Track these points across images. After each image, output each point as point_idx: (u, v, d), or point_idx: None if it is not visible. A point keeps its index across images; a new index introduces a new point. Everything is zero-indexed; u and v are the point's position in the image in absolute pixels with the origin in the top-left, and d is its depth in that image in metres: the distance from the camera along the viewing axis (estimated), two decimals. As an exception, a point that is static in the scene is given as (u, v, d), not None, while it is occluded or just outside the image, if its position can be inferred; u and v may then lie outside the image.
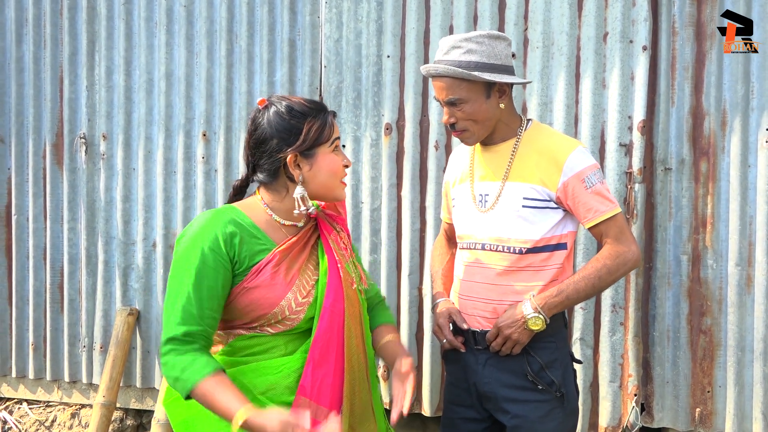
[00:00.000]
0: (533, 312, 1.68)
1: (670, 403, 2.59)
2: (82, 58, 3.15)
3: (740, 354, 2.52)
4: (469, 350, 1.84)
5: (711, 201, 2.54)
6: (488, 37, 1.72)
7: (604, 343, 2.58)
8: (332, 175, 1.55)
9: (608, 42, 2.56)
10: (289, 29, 2.89)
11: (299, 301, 1.50)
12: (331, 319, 1.51)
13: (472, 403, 1.85)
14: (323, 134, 1.52)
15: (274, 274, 1.48)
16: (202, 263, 1.42)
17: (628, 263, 1.74)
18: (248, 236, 1.48)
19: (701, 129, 2.55)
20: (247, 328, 1.51)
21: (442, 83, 1.73)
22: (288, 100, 1.54)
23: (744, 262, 2.51)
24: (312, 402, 1.48)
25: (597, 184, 1.74)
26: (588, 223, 1.75)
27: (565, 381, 1.78)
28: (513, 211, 1.75)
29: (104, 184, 3.13)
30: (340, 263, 1.58)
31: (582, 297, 1.74)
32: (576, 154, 1.74)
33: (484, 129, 1.77)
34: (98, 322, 3.14)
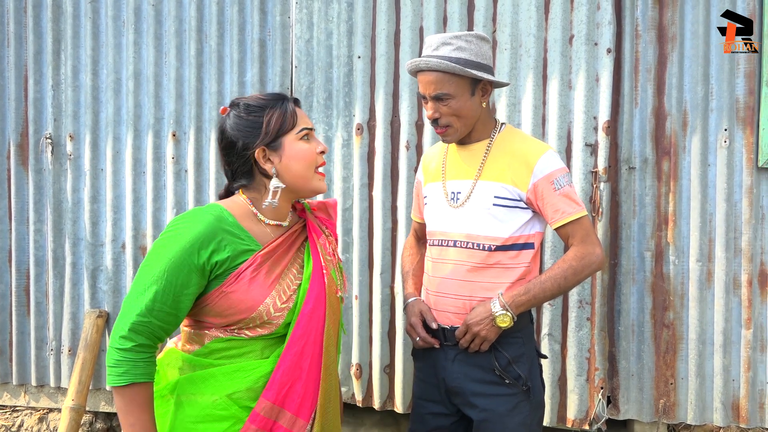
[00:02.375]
0: (501, 309, 1.72)
1: (635, 395, 2.67)
2: (47, 56, 3.09)
3: (701, 347, 2.61)
4: (438, 347, 1.88)
5: (673, 199, 2.62)
6: (476, 37, 1.78)
7: (572, 338, 2.64)
8: (305, 163, 1.51)
9: (574, 44, 2.62)
10: (260, 29, 2.88)
11: (278, 306, 1.47)
12: (308, 325, 1.48)
13: (440, 398, 1.89)
14: (285, 123, 1.50)
15: (253, 278, 1.44)
16: (169, 260, 1.39)
17: (593, 265, 1.79)
18: (231, 236, 1.45)
19: (663, 129, 2.63)
20: (225, 331, 1.48)
21: (431, 77, 1.75)
22: (245, 99, 1.52)
23: (704, 257, 2.60)
24: (276, 406, 1.44)
25: (565, 186, 1.79)
26: (555, 223, 1.79)
27: (531, 375, 1.82)
28: (484, 208, 1.79)
29: (71, 184, 3.08)
30: (326, 269, 1.55)
31: (548, 296, 1.78)
32: (547, 156, 1.78)
33: (466, 126, 1.81)
34: (66, 325, 3.10)
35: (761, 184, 2.57)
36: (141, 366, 1.38)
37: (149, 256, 1.43)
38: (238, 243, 1.45)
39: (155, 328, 1.39)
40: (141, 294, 1.39)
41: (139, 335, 1.38)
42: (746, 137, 2.57)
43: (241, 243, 1.46)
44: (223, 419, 1.43)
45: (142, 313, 1.37)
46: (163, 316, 1.39)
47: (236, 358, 1.47)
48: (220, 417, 1.43)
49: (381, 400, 2.82)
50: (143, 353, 1.39)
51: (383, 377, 2.82)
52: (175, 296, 1.39)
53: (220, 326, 1.48)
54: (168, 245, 1.41)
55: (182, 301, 1.41)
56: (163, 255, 1.40)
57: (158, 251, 1.41)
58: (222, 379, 1.45)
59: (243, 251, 1.45)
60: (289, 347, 1.46)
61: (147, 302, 1.38)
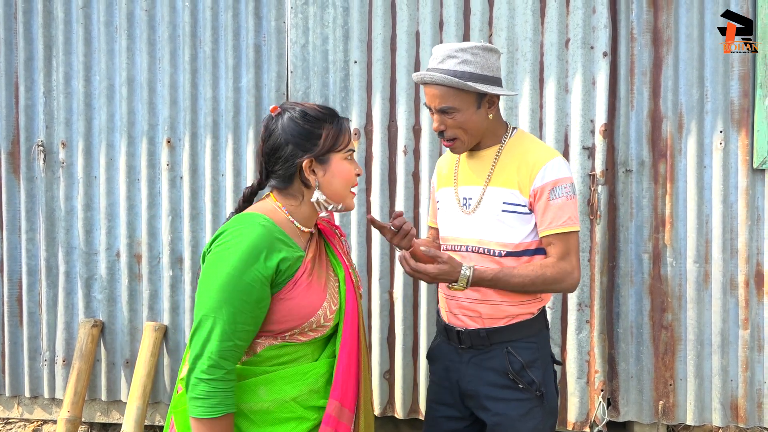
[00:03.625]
0: (462, 283, 1.70)
1: (635, 397, 2.68)
2: (38, 63, 3.05)
3: (699, 348, 2.63)
4: (453, 349, 1.88)
5: (669, 201, 2.64)
6: (482, 49, 1.75)
7: (571, 341, 2.65)
8: (345, 182, 1.55)
9: (570, 48, 2.63)
10: (255, 34, 2.86)
11: (333, 308, 1.52)
12: (351, 323, 1.55)
13: (454, 401, 1.89)
14: (339, 141, 1.53)
15: (309, 284, 1.48)
16: (237, 277, 1.37)
17: (564, 284, 1.76)
18: (282, 244, 1.45)
19: (659, 132, 2.64)
20: (277, 338, 1.48)
21: (436, 91, 1.75)
22: (302, 106, 1.53)
23: (701, 259, 2.62)
24: (339, 404, 1.51)
25: (563, 197, 1.76)
26: (541, 232, 1.77)
27: (545, 381, 1.81)
28: (493, 215, 1.79)
29: (64, 192, 3.05)
30: (350, 267, 1.62)
31: (509, 290, 1.77)
32: (552, 164, 1.76)
33: (473, 138, 1.80)
34: (60, 335, 3.05)
35: (756, 186, 2.59)
36: (230, 395, 1.39)
37: (209, 275, 1.40)
38: (291, 250, 1.47)
39: (240, 349, 1.40)
40: (217, 319, 1.37)
41: (227, 360, 1.38)
42: (741, 139, 2.59)
43: (293, 250, 1.48)
44: (287, 421, 1.47)
45: (228, 338, 1.36)
46: (246, 336, 1.40)
47: (290, 363, 1.49)
48: (285, 419, 1.47)
49: (381, 405, 2.81)
50: (231, 381, 1.40)
51: (383, 383, 2.81)
52: (253, 312, 1.39)
53: (273, 334, 1.47)
54: (228, 262, 1.38)
55: (259, 316, 1.42)
56: (227, 274, 1.37)
57: (220, 270, 1.38)
58: (280, 383, 1.47)
59: (297, 258, 1.48)
60: (343, 347, 1.52)
61: (229, 326, 1.36)
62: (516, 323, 1.82)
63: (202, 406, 1.36)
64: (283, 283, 1.45)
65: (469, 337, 1.83)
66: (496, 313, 1.81)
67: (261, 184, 1.58)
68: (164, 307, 2.96)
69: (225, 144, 2.88)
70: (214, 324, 1.37)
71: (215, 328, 1.36)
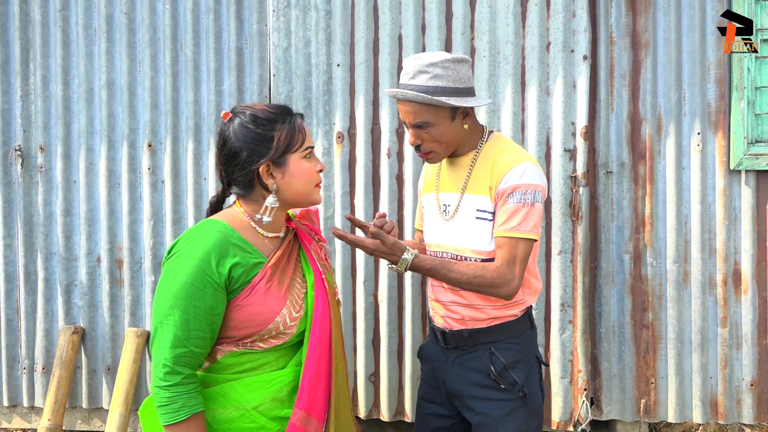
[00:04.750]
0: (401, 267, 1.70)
1: (617, 395, 2.71)
2: (15, 66, 3.00)
3: (680, 346, 2.67)
4: (439, 349, 1.90)
5: (649, 202, 2.68)
6: (453, 62, 1.75)
7: (555, 341, 2.67)
8: (306, 182, 1.51)
9: (551, 51, 2.66)
10: (236, 37, 2.85)
11: (293, 315, 1.48)
12: (321, 330, 1.51)
13: (441, 400, 1.91)
14: (294, 141, 1.49)
15: (267, 290, 1.45)
16: (190, 285, 1.37)
17: (501, 290, 1.73)
18: (239, 250, 1.44)
19: (639, 134, 2.68)
20: (238, 345, 1.47)
21: (409, 108, 1.75)
22: (251, 109, 1.49)
23: (681, 259, 2.66)
24: (305, 413, 1.47)
25: (519, 202, 1.71)
26: (494, 232, 1.76)
27: (528, 382, 1.83)
28: (469, 222, 1.80)
29: (43, 197, 3.00)
30: (323, 274, 1.57)
31: (446, 283, 1.78)
32: (519, 168, 1.74)
33: (449, 149, 1.81)
34: (39, 342, 3.01)
35: (733, 186, 2.65)
36: (194, 396, 1.39)
37: (163, 284, 1.40)
38: (248, 256, 1.45)
39: (196, 355, 1.39)
40: (171, 326, 1.37)
41: (184, 367, 1.38)
42: (718, 141, 2.64)
43: (251, 256, 1.46)
44: (249, 431, 1.44)
45: (181, 344, 1.36)
46: (201, 342, 1.39)
47: (253, 371, 1.47)
48: (247, 429, 1.44)
49: (366, 408, 2.81)
50: (192, 384, 1.39)
51: (368, 386, 2.81)
52: (207, 319, 1.39)
53: (233, 341, 1.47)
54: (183, 270, 1.38)
55: (215, 322, 1.41)
56: (181, 281, 1.37)
57: (174, 277, 1.38)
58: (243, 391, 1.45)
59: (254, 264, 1.46)
60: (310, 354, 1.49)
61: (182, 332, 1.36)
62: (499, 324, 1.83)
63: (167, 413, 1.37)
64: (239, 289, 1.43)
65: (454, 338, 1.86)
66: (478, 315, 1.83)
67: (224, 192, 1.56)
68: (146, 313, 2.93)
69: (207, 148, 2.86)
70: (168, 331, 1.37)
71: (168, 335, 1.37)
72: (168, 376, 1.36)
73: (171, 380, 1.36)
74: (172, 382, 1.36)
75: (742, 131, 2.61)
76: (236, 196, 1.55)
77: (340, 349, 1.58)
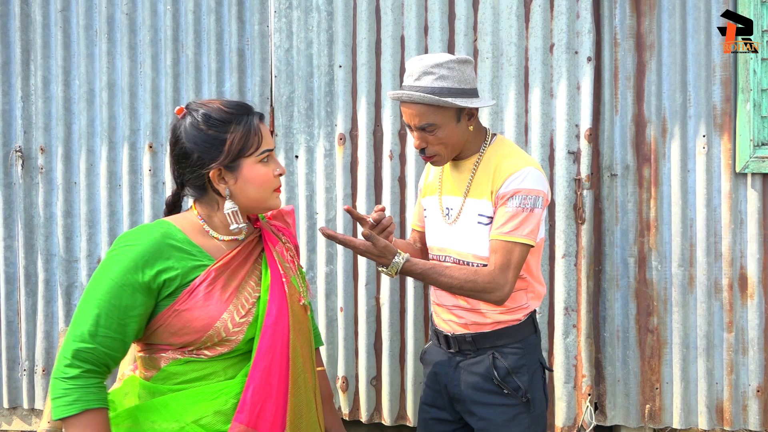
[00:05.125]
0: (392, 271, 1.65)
1: (622, 401, 2.68)
2: (15, 67, 3.00)
3: (685, 351, 2.64)
4: (442, 353, 1.87)
5: (654, 205, 2.65)
6: (458, 62, 1.72)
7: (558, 346, 2.65)
8: (261, 187, 1.41)
9: (555, 53, 2.64)
10: (238, 38, 2.83)
11: (236, 321, 1.36)
12: (273, 338, 1.39)
13: (444, 404, 1.88)
14: (247, 145, 1.37)
15: (208, 294, 1.35)
16: (111, 281, 1.30)
17: (492, 295, 1.68)
18: (180, 253, 1.35)
19: (643, 136, 2.66)
20: (182, 352, 1.37)
21: (414, 110, 1.71)
22: (206, 107, 1.38)
23: (686, 263, 2.63)
24: (249, 428, 1.35)
25: (518, 207, 1.68)
26: (490, 235, 1.72)
27: (532, 387, 1.80)
28: (470, 227, 1.78)
29: (43, 198, 2.99)
30: (285, 277, 1.45)
31: (437, 287, 1.75)
32: (521, 173, 1.71)
33: (454, 151, 1.79)
34: (40, 344, 2.99)
35: (739, 189, 2.61)
36: (93, 392, 1.27)
37: (93, 277, 1.35)
38: (189, 259, 1.36)
39: (101, 354, 1.29)
40: (83, 319, 1.29)
41: (86, 363, 1.28)
42: (724, 143, 2.61)
43: (192, 259, 1.36)
44: None
45: (85, 339, 1.28)
46: (108, 342, 1.29)
47: (198, 382, 1.37)
48: None
49: (368, 412, 2.79)
50: (92, 378, 1.28)
51: (370, 390, 2.79)
52: (120, 319, 1.29)
53: (176, 348, 1.37)
54: (110, 266, 1.32)
55: (129, 324, 1.30)
56: (105, 276, 1.31)
57: (100, 272, 1.33)
58: (185, 403, 1.35)
59: (194, 267, 1.36)
60: (257, 364, 1.37)
61: (89, 327, 1.28)
62: (502, 329, 1.80)
63: (59, 405, 1.26)
64: (177, 293, 1.34)
65: (456, 342, 1.83)
66: (481, 319, 1.80)
67: (178, 193, 1.47)
68: (147, 315, 2.92)
69: (208, 149, 2.85)
70: (78, 326, 1.30)
71: (77, 329, 1.29)
72: (67, 368, 1.27)
73: (69, 373, 1.27)
74: (69, 375, 1.27)
75: (748, 134, 2.58)
76: (191, 197, 1.45)
77: (302, 359, 1.46)
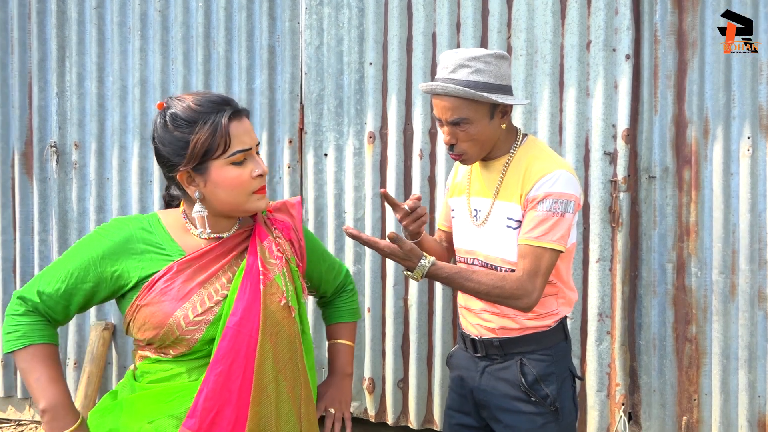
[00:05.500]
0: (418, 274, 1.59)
1: (657, 411, 2.59)
2: (51, 63, 3.04)
3: (725, 362, 2.53)
4: (469, 357, 1.83)
5: (695, 209, 2.54)
6: (494, 57, 1.67)
7: (591, 353, 2.57)
8: (233, 191, 1.31)
9: (591, 50, 2.55)
10: (269, 35, 2.82)
11: (190, 318, 1.29)
12: (235, 339, 1.30)
13: (469, 410, 1.84)
14: (213, 146, 1.27)
15: (164, 290, 1.30)
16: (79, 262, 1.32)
17: (519, 302, 1.63)
18: (152, 247, 1.33)
19: (684, 137, 2.55)
20: (153, 350, 1.34)
21: (448, 103, 1.65)
22: (178, 104, 1.31)
23: (728, 269, 2.52)
24: None
25: (549, 211, 1.62)
26: (518, 239, 1.66)
27: (561, 396, 1.74)
28: (499, 231, 1.72)
29: (77, 194, 3.03)
30: (264, 274, 1.34)
31: (463, 292, 1.70)
32: (552, 176, 1.65)
33: (484, 150, 1.73)
34: (72, 338, 3.03)
35: (786, 194, 2.49)
36: (38, 328, 1.32)
37: (72, 247, 1.37)
38: (157, 255, 1.33)
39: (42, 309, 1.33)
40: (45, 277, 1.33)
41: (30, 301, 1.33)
42: (770, 145, 2.49)
43: (161, 255, 1.33)
44: None
45: (35, 294, 1.32)
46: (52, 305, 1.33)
47: (164, 382, 1.33)
48: None
49: (395, 415, 2.75)
50: (36, 317, 1.33)
51: (396, 392, 2.75)
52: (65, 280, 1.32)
53: (145, 345, 1.35)
54: (85, 247, 1.34)
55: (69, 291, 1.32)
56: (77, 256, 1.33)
57: (77, 249, 1.35)
58: (147, 403, 1.32)
59: (160, 263, 1.32)
60: (213, 366, 1.29)
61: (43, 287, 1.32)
62: (531, 334, 1.75)
63: (9, 340, 1.32)
64: (139, 288, 1.31)
65: (484, 346, 1.78)
66: (510, 324, 1.75)
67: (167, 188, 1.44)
68: (175, 312, 2.93)
69: (238, 146, 2.84)
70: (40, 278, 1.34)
71: (38, 281, 1.34)
72: (16, 306, 1.34)
73: (17, 311, 1.33)
74: (17, 312, 1.33)
75: (797, 135, 2.45)
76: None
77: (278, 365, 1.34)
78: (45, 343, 1.32)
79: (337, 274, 1.67)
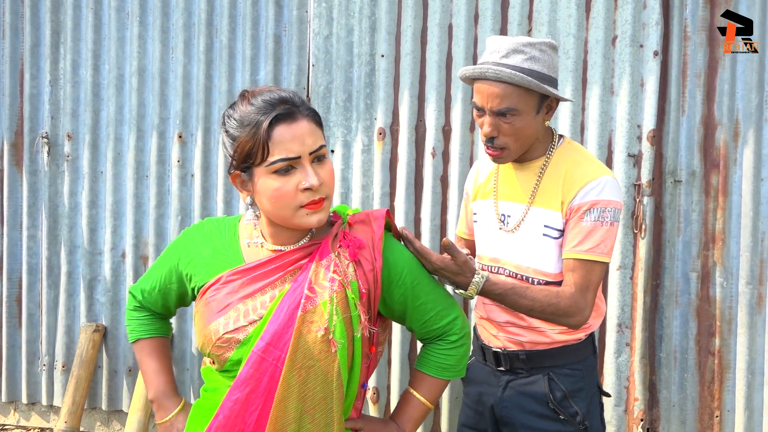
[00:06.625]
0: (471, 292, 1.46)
1: (677, 428, 2.46)
2: (45, 50, 2.90)
3: (750, 377, 2.41)
4: (490, 371, 1.71)
5: (722, 216, 2.42)
6: (549, 47, 1.55)
7: (609, 365, 2.44)
8: (277, 203, 1.19)
9: (617, 46, 2.42)
10: (275, 24, 2.68)
11: (220, 334, 1.22)
12: (258, 367, 1.19)
13: (486, 427, 1.72)
14: (252, 152, 1.17)
15: (209, 299, 1.27)
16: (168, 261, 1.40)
17: (573, 319, 1.53)
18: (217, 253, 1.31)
19: (713, 140, 2.43)
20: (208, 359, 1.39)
21: (498, 89, 1.51)
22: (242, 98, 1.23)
23: (755, 280, 2.40)
24: None
25: (597, 221, 1.53)
26: (565, 253, 1.56)
27: (590, 413, 1.64)
28: (533, 240, 1.60)
29: (68, 188, 2.89)
30: (307, 298, 1.20)
31: (514, 309, 1.56)
32: (598, 183, 1.54)
33: (523, 147, 1.60)
34: (60, 339, 2.89)
35: (819, 202, 2.37)
36: (145, 324, 1.44)
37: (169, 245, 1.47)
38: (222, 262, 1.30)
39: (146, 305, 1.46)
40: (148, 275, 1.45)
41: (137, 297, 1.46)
42: (803, 150, 2.37)
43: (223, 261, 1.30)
44: None
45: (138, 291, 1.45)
46: (153, 300, 1.43)
47: (211, 392, 1.32)
48: None
49: (400, 427, 2.62)
50: (143, 312, 1.46)
51: (402, 402, 2.62)
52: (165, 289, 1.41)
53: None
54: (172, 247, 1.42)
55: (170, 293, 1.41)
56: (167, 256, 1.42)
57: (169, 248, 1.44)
58: (192, 415, 1.36)
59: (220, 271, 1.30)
60: (232, 392, 1.20)
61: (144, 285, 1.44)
62: (560, 347, 1.64)
63: (129, 332, 1.48)
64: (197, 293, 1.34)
65: (508, 359, 1.66)
66: (539, 338, 1.64)
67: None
68: (170, 313, 2.79)
69: (240, 141, 2.71)
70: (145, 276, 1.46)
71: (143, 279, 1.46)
72: (129, 301, 1.48)
73: (129, 305, 1.48)
74: (129, 307, 1.48)
75: (832, 140, 2.33)
76: None
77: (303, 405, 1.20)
78: (152, 336, 1.45)
79: (437, 316, 1.36)
